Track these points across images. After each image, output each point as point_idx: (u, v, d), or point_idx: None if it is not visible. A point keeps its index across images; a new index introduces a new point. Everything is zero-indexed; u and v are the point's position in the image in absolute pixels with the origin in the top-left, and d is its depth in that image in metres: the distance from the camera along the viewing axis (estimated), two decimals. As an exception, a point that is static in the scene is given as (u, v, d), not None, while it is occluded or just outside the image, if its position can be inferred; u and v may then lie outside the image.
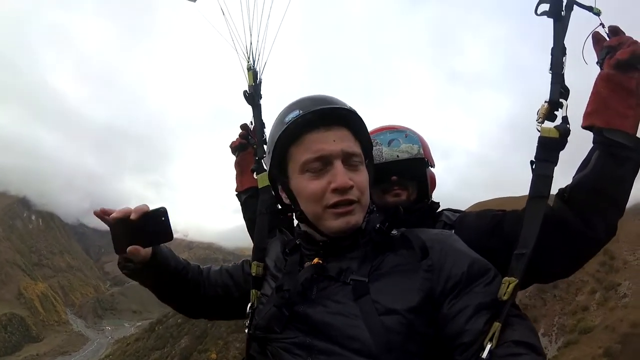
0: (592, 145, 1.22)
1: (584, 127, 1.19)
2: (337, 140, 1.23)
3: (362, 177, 1.26)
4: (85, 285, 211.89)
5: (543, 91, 1.23)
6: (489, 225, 1.43)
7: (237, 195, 2.06)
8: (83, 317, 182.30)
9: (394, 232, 1.28)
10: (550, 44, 1.24)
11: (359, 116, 1.28)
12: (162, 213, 1.33)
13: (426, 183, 1.74)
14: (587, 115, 1.19)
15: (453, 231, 1.51)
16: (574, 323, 34.78)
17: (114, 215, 1.31)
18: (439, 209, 1.75)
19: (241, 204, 2.04)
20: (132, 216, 1.30)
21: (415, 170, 1.72)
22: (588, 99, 1.20)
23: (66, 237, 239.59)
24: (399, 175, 1.69)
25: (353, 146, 1.25)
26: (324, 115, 1.24)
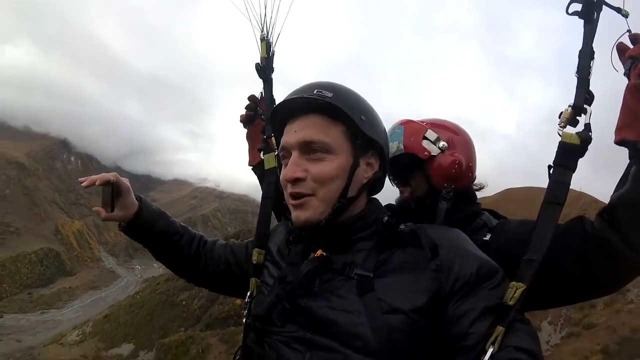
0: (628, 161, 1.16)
1: (617, 142, 1.14)
2: (298, 130, 1.22)
3: (321, 167, 1.21)
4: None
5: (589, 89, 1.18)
6: (528, 235, 1.32)
7: (252, 169, 1.98)
8: (115, 255, 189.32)
9: (402, 226, 1.24)
10: (578, 45, 1.19)
11: (336, 103, 1.19)
12: (111, 185, 1.46)
13: (425, 176, 1.68)
14: (618, 130, 1.14)
15: (489, 235, 1.50)
16: (579, 317, 35.33)
17: (102, 178, 1.48)
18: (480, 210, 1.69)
19: (258, 178, 1.94)
20: (99, 182, 1.47)
21: (398, 168, 1.69)
22: (618, 114, 1.15)
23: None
24: (390, 174, 1.67)
25: (317, 134, 1.21)
26: (297, 104, 1.24)
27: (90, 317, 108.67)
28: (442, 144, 1.65)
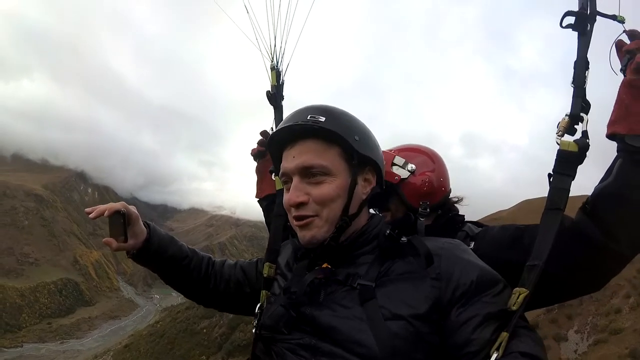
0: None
1: (608, 136, 1.17)
2: (296, 156, 1.26)
3: (322, 190, 1.24)
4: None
5: (596, 93, 1.18)
6: (510, 237, 1.43)
7: (258, 201, 2.06)
8: (133, 285, 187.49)
9: (404, 239, 1.27)
10: (573, 56, 1.22)
11: (329, 127, 1.23)
12: (122, 215, 1.42)
13: (400, 198, 1.75)
14: (611, 123, 1.16)
15: (473, 243, 1.56)
16: (605, 323, 35.61)
17: (111, 209, 1.41)
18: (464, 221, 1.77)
19: (262, 210, 2.04)
20: (108, 213, 1.40)
21: (375, 197, 1.64)
22: (612, 108, 1.16)
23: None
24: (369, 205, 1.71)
25: (314, 158, 1.24)
26: (292, 131, 1.28)
27: (111, 347, 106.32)
28: (410, 166, 1.74)
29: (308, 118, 1.24)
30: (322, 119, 1.23)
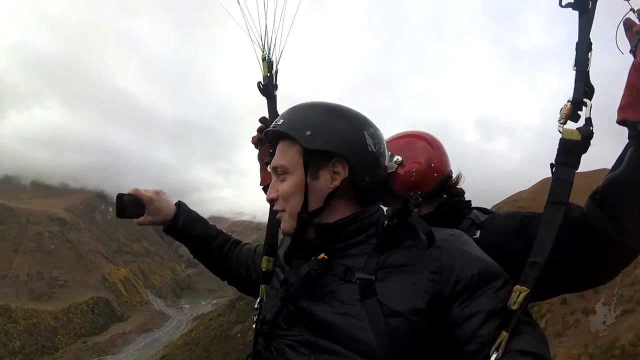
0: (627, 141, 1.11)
1: (619, 122, 1.08)
2: (274, 158, 1.34)
3: (284, 186, 1.29)
4: (163, 267, 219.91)
5: (598, 65, 1.14)
6: (517, 226, 1.36)
7: (262, 189, 2.03)
8: (163, 297, 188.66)
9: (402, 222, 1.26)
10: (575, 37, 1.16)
11: (280, 129, 1.28)
12: (119, 195, 1.65)
13: (394, 193, 1.68)
14: (621, 109, 1.07)
15: (479, 232, 1.51)
16: (631, 294, 37.02)
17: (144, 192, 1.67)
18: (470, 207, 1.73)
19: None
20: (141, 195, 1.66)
21: None
22: (622, 92, 1.08)
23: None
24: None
25: (278, 159, 1.31)
26: (268, 136, 1.38)
27: (147, 359, 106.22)
28: (396, 158, 1.72)
29: (276, 123, 1.31)
30: (281, 121, 1.29)
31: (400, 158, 1.72)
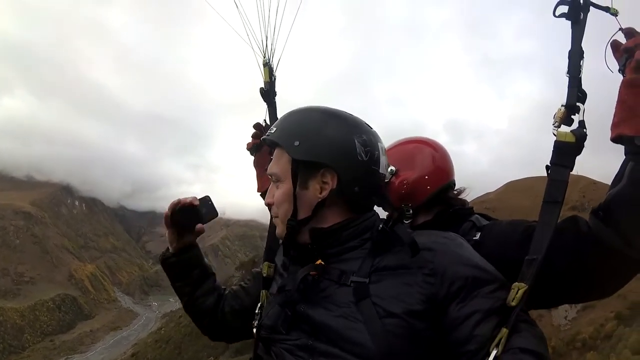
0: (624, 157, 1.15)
1: (613, 139, 1.13)
2: (270, 165, 1.37)
3: (278, 193, 1.33)
4: (130, 264, 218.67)
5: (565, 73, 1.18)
6: (520, 236, 1.34)
7: (260, 195, 1.99)
8: (130, 294, 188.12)
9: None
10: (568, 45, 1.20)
11: (271, 138, 1.33)
12: (207, 199, 1.61)
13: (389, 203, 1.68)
14: (615, 125, 1.12)
15: (479, 234, 1.51)
16: None
17: (183, 202, 1.55)
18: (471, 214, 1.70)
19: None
20: (188, 203, 1.55)
21: None
22: (614, 110, 1.14)
23: (109, 220, 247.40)
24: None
25: (272, 167, 1.35)
26: (268, 142, 1.40)
27: (116, 358, 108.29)
28: (390, 168, 1.69)
29: (270, 130, 1.35)
30: (274, 129, 1.33)
31: (394, 168, 1.70)
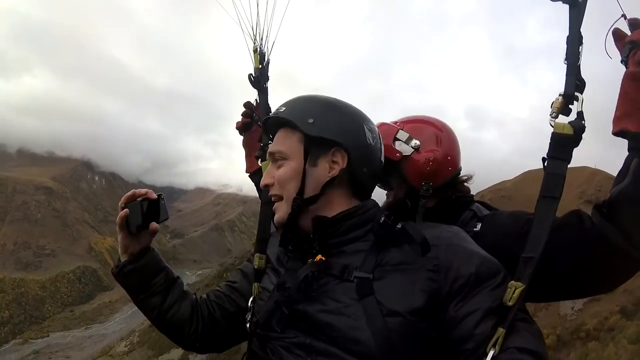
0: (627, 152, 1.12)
1: (615, 133, 1.07)
2: (272, 144, 1.35)
3: (281, 171, 1.29)
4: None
5: (588, 65, 1.13)
6: (522, 228, 1.30)
7: (249, 176, 1.94)
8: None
9: (399, 225, 1.22)
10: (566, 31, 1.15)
11: (283, 116, 1.30)
12: (161, 198, 1.41)
13: (402, 177, 1.65)
14: (617, 119, 1.06)
15: (480, 225, 1.48)
16: None
17: (137, 194, 1.38)
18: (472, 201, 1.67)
19: (255, 185, 1.89)
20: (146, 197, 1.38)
21: None
22: (616, 103, 1.08)
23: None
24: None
25: (277, 145, 1.32)
26: (267, 124, 1.41)
27: (135, 327, 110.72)
28: (414, 142, 1.63)
29: (277, 110, 1.32)
30: (283, 108, 1.31)
31: (418, 142, 1.62)
